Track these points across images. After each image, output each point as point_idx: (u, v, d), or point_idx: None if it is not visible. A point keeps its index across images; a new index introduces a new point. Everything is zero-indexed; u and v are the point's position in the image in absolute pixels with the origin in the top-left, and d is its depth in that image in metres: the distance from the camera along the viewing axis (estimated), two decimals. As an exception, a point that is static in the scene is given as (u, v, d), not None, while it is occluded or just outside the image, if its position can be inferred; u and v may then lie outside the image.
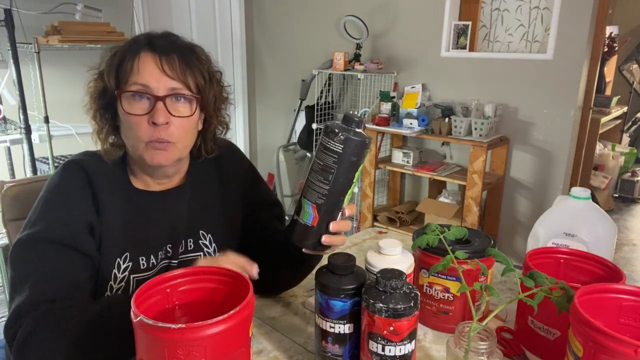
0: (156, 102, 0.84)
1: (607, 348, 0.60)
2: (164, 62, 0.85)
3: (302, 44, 3.68)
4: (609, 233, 1.08)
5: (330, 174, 0.74)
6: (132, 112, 0.84)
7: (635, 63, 5.09)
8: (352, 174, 0.75)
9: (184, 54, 0.88)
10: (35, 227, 0.83)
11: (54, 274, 0.81)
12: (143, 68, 0.84)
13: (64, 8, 2.57)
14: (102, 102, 0.89)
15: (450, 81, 2.99)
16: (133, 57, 0.85)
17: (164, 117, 0.84)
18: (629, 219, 3.96)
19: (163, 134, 0.85)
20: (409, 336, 0.69)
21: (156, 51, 0.85)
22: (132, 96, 0.85)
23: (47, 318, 0.76)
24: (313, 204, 0.77)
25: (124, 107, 0.85)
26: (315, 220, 0.77)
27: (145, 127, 0.85)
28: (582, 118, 2.75)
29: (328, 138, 0.73)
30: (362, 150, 0.74)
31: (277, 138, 4.01)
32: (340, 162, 0.73)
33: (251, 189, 1.08)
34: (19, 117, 2.45)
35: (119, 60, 0.86)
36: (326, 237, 0.78)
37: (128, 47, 0.87)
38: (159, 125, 0.84)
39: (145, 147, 0.86)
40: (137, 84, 0.84)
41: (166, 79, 0.85)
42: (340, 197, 0.77)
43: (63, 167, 0.90)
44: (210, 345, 0.60)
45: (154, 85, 0.84)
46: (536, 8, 2.72)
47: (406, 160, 2.97)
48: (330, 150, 0.73)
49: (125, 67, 0.85)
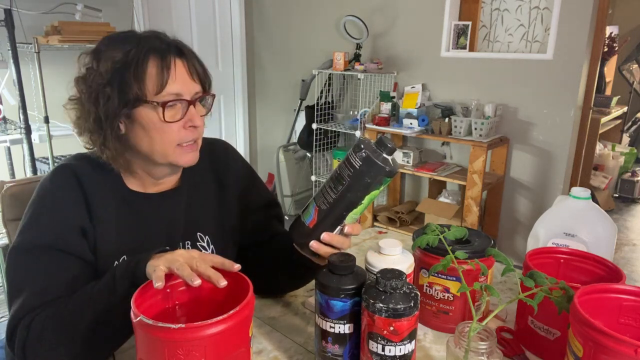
0: (189, 107, 0.87)
1: (607, 348, 0.60)
2: (191, 69, 0.88)
3: (302, 44, 3.68)
4: (609, 233, 1.08)
5: (341, 185, 0.74)
6: (170, 119, 0.85)
7: (635, 63, 5.09)
8: (363, 194, 0.75)
9: (197, 58, 0.91)
10: (25, 234, 0.83)
11: (47, 280, 0.80)
12: (178, 76, 0.85)
13: (64, 8, 2.57)
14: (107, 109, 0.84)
15: (450, 81, 2.99)
16: (168, 66, 0.84)
17: (200, 120, 0.88)
18: (629, 219, 3.95)
19: (196, 134, 0.89)
20: (409, 336, 0.69)
21: (184, 57, 0.87)
22: (168, 104, 0.85)
23: (43, 321, 0.76)
24: (316, 207, 0.77)
25: (165, 116, 0.84)
26: (313, 223, 0.77)
27: (180, 132, 0.87)
28: (582, 118, 2.75)
29: (353, 151, 0.74)
30: (379, 175, 0.73)
31: (277, 138, 4.01)
32: (353, 178, 0.73)
33: (248, 189, 1.07)
34: (19, 117, 2.45)
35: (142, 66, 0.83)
36: (314, 243, 0.78)
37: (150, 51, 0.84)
38: (197, 128, 0.88)
39: (175, 150, 0.88)
40: (173, 93, 0.85)
41: (193, 84, 0.88)
42: (344, 211, 0.76)
43: (53, 172, 0.89)
44: (210, 345, 0.60)
45: (185, 91, 0.86)
46: (536, 8, 2.72)
47: (406, 160, 2.97)
48: (349, 163, 0.74)
49: (157, 74, 0.83)
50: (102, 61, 0.84)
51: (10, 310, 0.80)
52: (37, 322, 0.76)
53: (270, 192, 1.13)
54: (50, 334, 0.75)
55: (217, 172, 1.04)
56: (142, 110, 0.84)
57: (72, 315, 0.76)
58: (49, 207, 0.85)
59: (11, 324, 0.78)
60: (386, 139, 0.74)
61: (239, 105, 4.04)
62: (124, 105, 0.83)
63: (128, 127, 0.86)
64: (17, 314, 0.78)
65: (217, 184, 1.03)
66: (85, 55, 0.87)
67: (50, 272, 0.81)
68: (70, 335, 0.75)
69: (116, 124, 0.85)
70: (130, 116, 0.85)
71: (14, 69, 2.37)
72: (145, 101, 0.83)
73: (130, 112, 0.84)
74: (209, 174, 1.03)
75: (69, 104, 0.88)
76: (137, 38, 0.86)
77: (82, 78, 0.86)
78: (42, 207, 0.85)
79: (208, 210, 1.01)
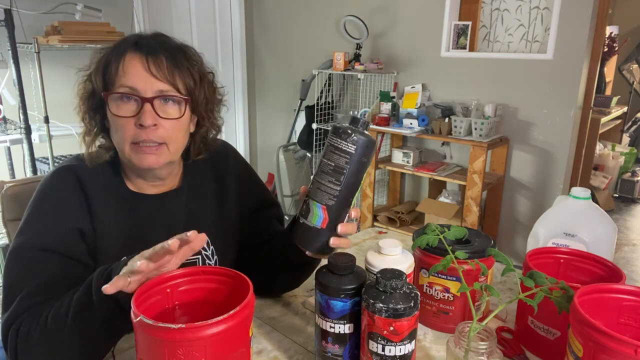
0: (143, 104, 0.83)
1: (607, 348, 0.60)
2: (150, 63, 0.84)
3: (302, 44, 3.68)
4: (609, 233, 1.08)
5: (342, 175, 0.74)
6: (119, 114, 0.83)
7: (635, 63, 5.09)
8: (362, 175, 0.76)
9: (172, 55, 0.86)
10: (24, 235, 0.83)
11: (44, 282, 0.80)
12: (129, 69, 0.83)
13: (64, 8, 2.57)
14: (91, 104, 0.88)
15: (450, 81, 2.99)
16: (119, 58, 0.84)
17: (152, 119, 0.83)
18: (629, 219, 3.95)
19: (151, 135, 0.84)
20: (409, 336, 0.69)
21: (142, 52, 0.84)
22: (120, 98, 0.84)
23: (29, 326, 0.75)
24: (323, 206, 0.76)
25: (111, 109, 0.84)
26: (325, 222, 0.77)
27: (132, 129, 0.84)
28: (582, 118, 2.75)
29: (340, 139, 0.73)
30: (372, 150, 0.75)
31: (277, 138, 4.01)
32: (352, 163, 0.74)
33: (248, 189, 1.07)
34: (19, 117, 2.45)
35: (105, 61, 0.85)
36: (334, 240, 0.78)
37: (114, 48, 0.86)
38: (147, 128, 0.83)
39: (130, 149, 0.85)
40: (125, 86, 0.83)
41: (153, 80, 0.84)
42: (350, 198, 0.77)
43: (53, 172, 0.89)
44: (210, 345, 0.60)
45: (141, 87, 0.83)
46: (536, 8, 2.72)
47: (406, 160, 2.97)
48: (342, 151, 0.73)
49: (111, 68, 0.84)
50: (91, 60, 0.88)
51: (3, 312, 0.80)
52: (24, 327, 0.75)
53: (270, 193, 1.13)
54: (37, 340, 0.74)
55: (217, 173, 1.03)
56: (107, 106, 0.86)
57: (55, 322, 0.74)
58: (48, 208, 0.85)
59: (4, 328, 0.77)
60: (357, 115, 0.76)
61: (239, 105, 4.04)
62: (94, 100, 0.86)
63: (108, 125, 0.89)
64: (9, 318, 0.77)
65: (217, 184, 1.03)
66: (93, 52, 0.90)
67: (46, 274, 0.81)
68: (54, 343, 0.74)
69: (97, 119, 0.88)
70: (105, 112, 0.87)
71: (14, 69, 2.37)
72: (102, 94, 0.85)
73: (102, 107, 0.87)
74: (209, 174, 1.03)
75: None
76: (126, 37, 0.88)
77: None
78: (42, 209, 0.85)
79: (208, 211, 1.01)
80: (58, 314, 0.74)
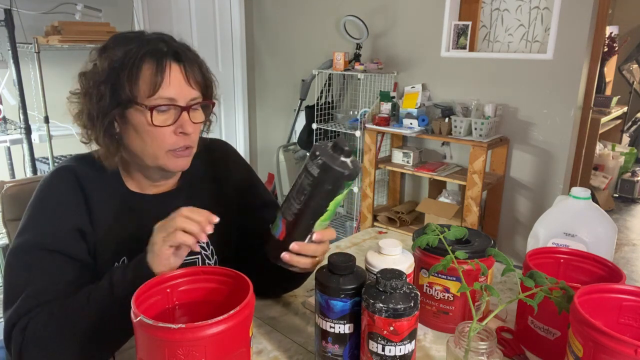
0: (182, 113, 0.85)
1: (607, 348, 0.60)
2: (189, 74, 0.86)
3: (302, 44, 3.68)
4: (609, 233, 1.08)
5: (303, 195, 0.73)
6: (159, 123, 0.84)
7: (635, 63, 5.09)
8: (326, 202, 0.73)
9: (199, 64, 0.89)
10: (24, 235, 0.83)
11: (45, 282, 0.80)
12: (173, 81, 0.84)
13: (64, 8, 2.57)
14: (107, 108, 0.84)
15: (450, 81, 2.99)
16: (162, 69, 0.82)
17: (192, 127, 0.87)
18: (629, 219, 3.95)
19: (188, 141, 0.88)
20: (409, 336, 0.69)
21: (181, 62, 0.85)
22: (160, 108, 0.84)
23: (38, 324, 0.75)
24: (283, 219, 0.76)
25: (152, 119, 0.83)
26: (282, 235, 0.77)
27: (172, 137, 0.86)
28: (582, 118, 2.75)
29: (310, 159, 0.72)
30: (340, 181, 0.71)
31: (277, 138, 4.01)
32: (314, 187, 0.72)
33: (248, 189, 1.07)
34: (19, 117, 2.45)
35: (137, 68, 0.82)
36: (286, 254, 0.78)
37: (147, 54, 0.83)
38: (188, 135, 0.86)
39: (165, 155, 0.87)
40: (165, 97, 0.83)
41: (189, 89, 0.86)
42: (310, 220, 0.75)
43: (53, 173, 0.89)
44: (210, 345, 0.60)
45: (180, 97, 0.85)
46: (536, 8, 2.72)
47: (406, 160, 2.97)
48: (308, 172, 0.72)
49: (150, 78, 0.82)
50: (103, 59, 0.84)
51: (4, 312, 0.80)
52: (32, 326, 0.75)
53: (269, 193, 1.13)
54: (47, 339, 0.75)
55: (217, 173, 1.04)
56: (133, 112, 0.84)
57: (69, 319, 0.75)
58: (48, 208, 0.85)
59: (7, 328, 0.77)
60: (342, 141, 0.71)
61: (239, 105, 4.04)
62: (116, 105, 0.83)
63: (122, 127, 0.87)
64: (12, 317, 0.77)
65: (216, 184, 1.03)
66: (95, 51, 0.87)
67: (48, 274, 0.81)
68: (67, 339, 0.75)
69: (107, 122, 0.85)
70: (123, 116, 0.85)
71: (14, 69, 2.37)
72: (136, 103, 0.83)
73: (123, 113, 0.84)
74: (209, 174, 1.03)
75: (72, 97, 0.88)
76: (140, 39, 0.86)
77: (84, 74, 0.86)
78: (42, 209, 0.85)
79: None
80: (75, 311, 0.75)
